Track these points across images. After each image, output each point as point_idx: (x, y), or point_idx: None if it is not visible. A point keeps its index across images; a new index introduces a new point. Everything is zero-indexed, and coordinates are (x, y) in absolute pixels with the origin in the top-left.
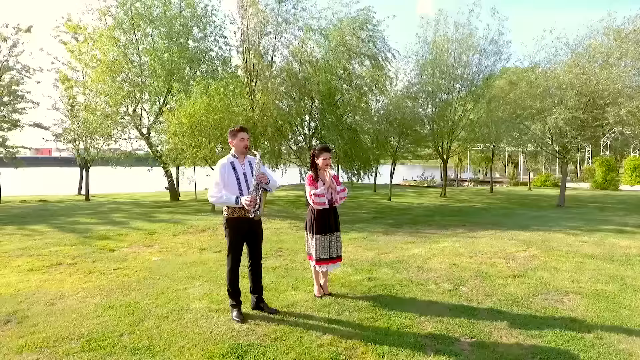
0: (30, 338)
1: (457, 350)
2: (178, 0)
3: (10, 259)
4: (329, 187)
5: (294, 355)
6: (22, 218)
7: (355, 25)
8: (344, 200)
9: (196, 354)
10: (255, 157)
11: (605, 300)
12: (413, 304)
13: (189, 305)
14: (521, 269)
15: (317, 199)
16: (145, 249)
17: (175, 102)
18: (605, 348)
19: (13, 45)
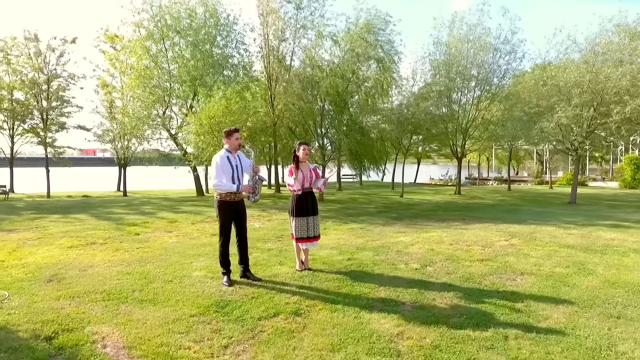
0: (65, 291)
1: (399, 310)
2: (203, 11)
3: (55, 239)
4: (304, 177)
5: (263, 308)
6: (66, 209)
7: (363, 30)
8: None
9: (188, 305)
10: (251, 152)
11: (554, 279)
12: (378, 278)
13: (190, 273)
14: (491, 255)
15: (291, 188)
16: (166, 233)
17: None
18: (526, 313)
19: (60, 55)
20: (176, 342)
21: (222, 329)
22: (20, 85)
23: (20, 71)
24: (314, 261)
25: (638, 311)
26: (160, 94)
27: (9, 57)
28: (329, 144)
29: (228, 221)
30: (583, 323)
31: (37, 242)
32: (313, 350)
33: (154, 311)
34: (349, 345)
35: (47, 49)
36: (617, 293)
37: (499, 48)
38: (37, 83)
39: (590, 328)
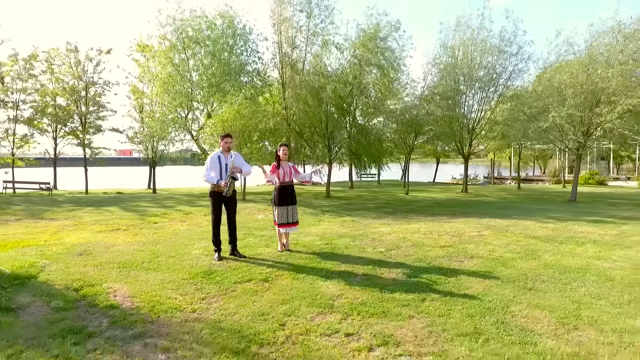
0: (90, 261)
1: (349, 280)
2: (221, 22)
3: (87, 225)
4: (284, 173)
5: (240, 276)
6: (99, 203)
7: (365, 39)
8: (310, 183)
9: (182, 273)
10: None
11: (497, 262)
12: (345, 258)
13: (190, 252)
14: (455, 242)
15: (271, 183)
16: (179, 223)
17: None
18: (453, 285)
19: (97, 65)
20: (167, 294)
21: (203, 288)
22: (62, 92)
23: (62, 79)
24: (296, 244)
25: (550, 285)
26: (182, 99)
27: (53, 67)
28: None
29: (216, 208)
30: (496, 292)
31: (73, 228)
32: (267, 302)
33: (155, 276)
34: (295, 301)
35: (85, 59)
36: (544, 272)
37: (503, 50)
38: (77, 90)
39: (499, 295)
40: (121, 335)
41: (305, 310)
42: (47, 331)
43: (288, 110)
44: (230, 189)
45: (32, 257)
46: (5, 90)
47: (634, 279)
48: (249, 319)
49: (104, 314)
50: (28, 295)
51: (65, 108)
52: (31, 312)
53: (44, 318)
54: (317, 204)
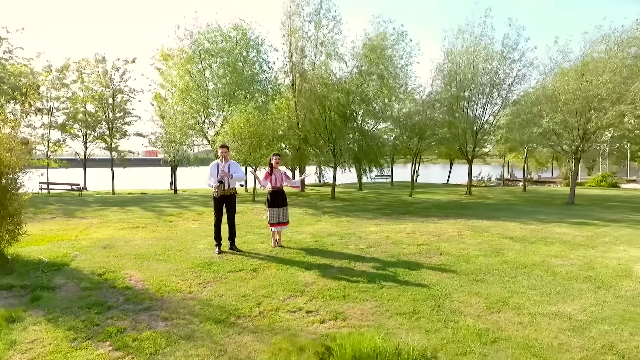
0: (112, 253)
1: (325, 271)
2: (235, 34)
3: (111, 223)
4: (276, 179)
5: (233, 266)
6: (124, 203)
7: (367, 50)
8: (299, 188)
9: (186, 263)
10: (232, 162)
11: (462, 258)
12: (328, 253)
13: (196, 246)
14: (432, 241)
15: (262, 187)
16: (192, 221)
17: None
18: (413, 276)
19: (123, 74)
20: (171, 280)
21: (201, 275)
22: (91, 100)
23: (91, 87)
24: (289, 241)
25: (497, 278)
26: (199, 107)
27: (83, 76)
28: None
29: (218, 209)
30: (446, 282)
31: (99, 225)
32: (251, 287)
33: (164, 265)
34: (274, 286)
35: (112, 69)
36: (499, 268)
37: (506, 56)
38: (104, 97)
39: (447, 285)
40: (133, 308)
41: (280, 293)
42: (77, 304)
43: (298, 117)
44: (219, 190)
45: (65, 249)
46: (41, 98)
47: (576, 274)
48: (233, 299)
49: (121, 293)
50: (63, 278)
51: (94, 114)
52: (65, 290)
53: (75, 295)
54: (320, 205)
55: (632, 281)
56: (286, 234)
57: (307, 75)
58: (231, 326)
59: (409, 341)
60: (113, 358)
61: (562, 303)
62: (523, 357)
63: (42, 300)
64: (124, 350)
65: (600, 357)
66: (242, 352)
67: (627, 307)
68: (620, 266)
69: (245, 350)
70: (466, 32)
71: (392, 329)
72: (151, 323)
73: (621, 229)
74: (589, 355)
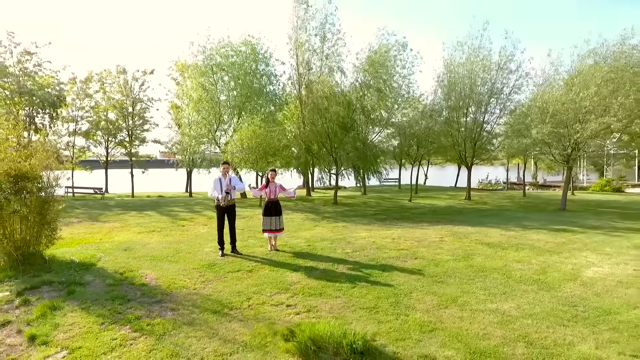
0: (132, 255)
1: (310, 272)
2: (245, 48)
3: (131, 227)
4: (271, 191)
5: (233, 267)
6: (141, 207)
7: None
8: (294, 197)
9: (193, 264)
10: (232, 176)
11: (433, 262)
12: (316, 257)
13: (203, 250)
14: (413, 246)
15: (254, 195)
16: (202, 226)
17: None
18: (384, 277)
19: (141, 84)
20: (179, 278)
21: (204, 275)
22: (112, 108)
23: (113, 97)
24: (284, 245)
25: (457, 280)
26: (211, 118)
27: (105, 87)
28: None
29: (220, 217)
30: (411, 283)
31: (120, 229)
32: (245, 285)
33: (174, 265)
34: (264, 285)
35: (132, 79)
36: (463, 271)
37: (502, 67)
38: (125, 106)
39: (411, 285)
40: (147, 301)
41: (268, 290)
42: (103, 296)
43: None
44: (226, 201)
45: (92, 251)
46: (67, 107)
47: (527, 277)
48: (228, 294)
49: (138, 289)
50: (91, 275)
51: (114, 122)
52: (94, 285)
53: (102, 289)
54: (322, 210)
55: (574, 284)
56: (283, 238)
57: (312, 87)
58: (224, 316)
59: (360, 329)
60: (132, 337)
61: (502, 302)
62: (449, 342)
63: (76, 293)
64: (140, 332)
65: (512, 344)
66: (230, 335)
67: (556, 306)
68: (572, 271)
69: (232, 333)
70: (465, 44)
71: (351, 320)
72: (162, 312)
73: (596, 235)
74: (503, 343)
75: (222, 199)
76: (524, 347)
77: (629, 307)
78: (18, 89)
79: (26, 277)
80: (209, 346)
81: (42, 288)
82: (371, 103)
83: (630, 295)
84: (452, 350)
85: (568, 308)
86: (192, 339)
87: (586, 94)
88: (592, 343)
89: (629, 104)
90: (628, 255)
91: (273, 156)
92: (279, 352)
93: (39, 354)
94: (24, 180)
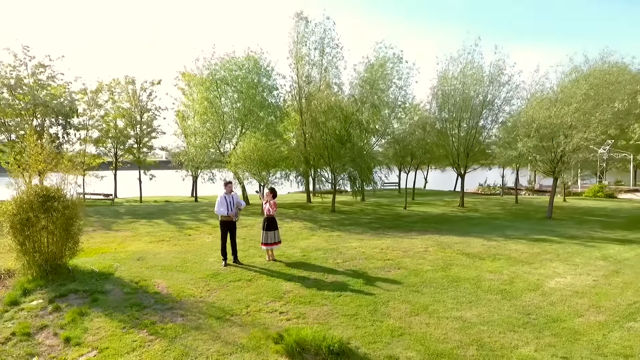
0: (145, 265)
1: (303, 282)
2: (248, 63)
3: (142, 237)
4: (268, 208)
5: (234, 276)
6: (150, 215)
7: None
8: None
9: (199, 274)
10: (234, 193)
11: (413, 273)
12: (310, 266)
13: (207, 259)
14: (398, 257)
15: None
16: (207, 235)
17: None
18: (368, 286)
19: (149, 95)
20: (187, 286)
21: (209, 284)
22: (121, 117)
23: (121, 106)
24: (281, 255)
25: (431, 289)
26: (215, 130)
27: (114, 96)
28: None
29: (223, 231)
30: (390, 293)
31: (132, 239)
32: (245, 293)
33: (182, 275)
34: (261, 293)
35: (140, 89)
36: (439, 281)
37: (493, 80)
38: (133, 116)
39: (389, 294)
40: (160, 307)
41: (264, 299)
42: (123, 304)
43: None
44: (238, 217)
45: (109, 261)
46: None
47: (495, 287)
48: (230, 302)
49: (152, 297)
50: (110, 284)
51: (123, 130)
52: (113, 294)
53: (121, 297)
54: (320, 219)
55: (535, 294)
56: (281, 248)
57: (310, 100)
58: (226, 321)
59: (338, 333)
60: (149, 339)
61: (467, 310)
62: (413, 345)
63: (99, 301)
64: (155, 335)
65: (466, 347)
66: (230, 338)
67: (512, 314)
68: (536, 281)
69: (232, 337)
70: (457, 60)
71: (333, 325)
72: (173, 318)
73: (571, 246)
74: (459, 346)
75: (234, 216)
76: (475, 350)
77: (575, 315)
78: (33, 100)
79: (54, 286)
80: (212, 347)
81: (69, 296)
82: (366, 117)
83: (580, 305)
84: (414, 352)
85: (522, 316)
86: (199, 341)
87: (567, 110)
88: (532, 346)
89: (606, 120)
90: (594, 266)
91: (274, 167)
92: (270, 352)
93: (74, 353)
94: (51, 200)
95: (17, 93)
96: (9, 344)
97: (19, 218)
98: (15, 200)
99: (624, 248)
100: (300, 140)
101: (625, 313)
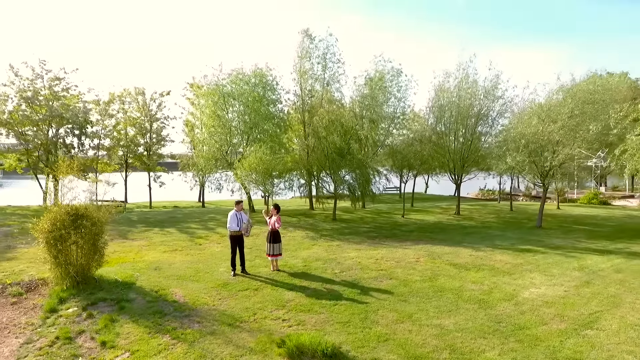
0: (162, 274)
1: (304, 291)
2: (255, 79)
3: (156, 246)
4: (274, 222)
5: (242, 286)
6: (162, 223)
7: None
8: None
9: (211, 283)
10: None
11: (402, 283)
12: (310, 276)
13: (218, 269)
14: (391, 267)
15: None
16: (216, 244)
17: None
18: (362, 296)
19: (159, 105)
20: (200, 295)
21: (221, 293)
22: (131, 126)
23: (132, 116)
24: (284, 265)
25: (417, 299)
26: (222, 142)
27: (124, 106)
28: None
29: (233, 245)
30: (380, 302)
31: (148, 248)
32: (252, 302)
33: (196, 284)
34: (267, 302)
35: (150, 100)
36: (426, 291)
37: (488, 95)
38: (144, 125)
39: (380, 303)
40: (179, 315)
41: (269, 307)
42: (146, 311)
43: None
44: (249, 232)
45: (129, 271)
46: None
47: (474, 297)
48: (239, 310)
49: (171, 305)
50: (133, 293)
51: (133, 138)
52: (137, 302)
53: (144, 305)
54: (321, 228)
55: (509, 303)
56: (284, 258)
57: (313, 113)
58: (236, 327)
59: (332, 338)
60: (172, 343)
61: (446, 318)
62: (395, 349)
63: (126, 308)
64: (177, 339)
65: (440, 351)
66: (240, 342)
67: (485, 322)
68: (513, 291)
69: (242, 341)
70: (452, 75)
71: (329, 331)
72: (191, 324)
73: (553, 256)
74: (435, 350)
75: (246, 232)
76: (448, 354)
77: (540, 323)
78: (50, 112)
79: (85, 295)
80: (226, 350)
81: (99, 304)
82: (364, 133)
83: (546, 314)
84: (396, 355)
85: (493, 324)
86: (214, 345)
87: (553, 127)
88: (497, 351)
89: (589, 137)
90: (569, 277)
91: (278, 177)
92: (274, 355)
93: (110, 355)
94: (80, 218)
95: (35, 105)
96: (55, 347)
97: (53, 235)
98: (50, 219)
99: (602, 259)
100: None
101: (585, 321)
